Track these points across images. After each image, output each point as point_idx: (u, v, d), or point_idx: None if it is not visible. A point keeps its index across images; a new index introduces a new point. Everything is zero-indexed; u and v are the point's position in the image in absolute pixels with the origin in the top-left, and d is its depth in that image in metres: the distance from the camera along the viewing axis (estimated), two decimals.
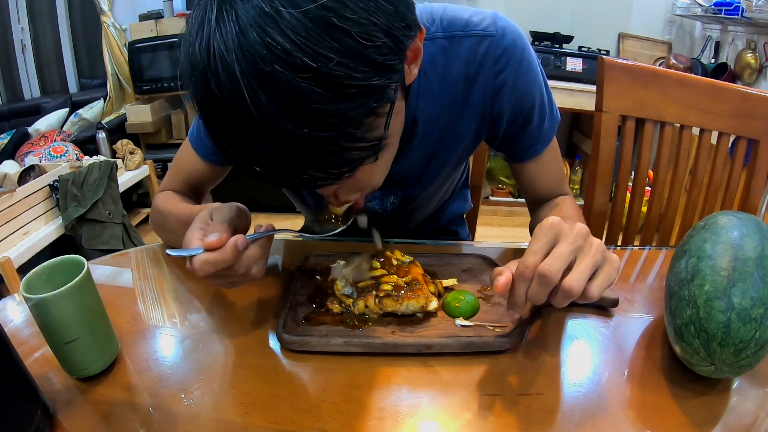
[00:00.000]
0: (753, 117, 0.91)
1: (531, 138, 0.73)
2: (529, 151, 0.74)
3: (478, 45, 0.65)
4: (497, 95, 0.68)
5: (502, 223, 2.83)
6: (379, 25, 0.41)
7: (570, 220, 0.49)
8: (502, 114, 0.70)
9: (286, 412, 0.47)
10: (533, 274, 0.46)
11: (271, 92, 0.38)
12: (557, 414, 0.47)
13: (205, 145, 0.75)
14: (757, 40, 2.29)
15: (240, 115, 0.40)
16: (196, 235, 0.50)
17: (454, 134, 0.72)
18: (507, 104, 0.69)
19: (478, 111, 0.69)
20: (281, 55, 0.37)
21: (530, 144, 0.74)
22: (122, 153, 2.64)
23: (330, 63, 0.38)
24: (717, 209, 0.99)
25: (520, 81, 0.67)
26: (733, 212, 0.56)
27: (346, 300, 0.59)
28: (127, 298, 0.65)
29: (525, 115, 0.70)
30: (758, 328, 0.44)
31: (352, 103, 0.41)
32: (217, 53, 0.39)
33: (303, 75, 0.38)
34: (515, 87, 0.67)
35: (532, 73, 0.68)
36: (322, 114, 0.40)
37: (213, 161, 0.76)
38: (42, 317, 0.46)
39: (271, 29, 0.37)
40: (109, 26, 2.92)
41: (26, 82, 3.25)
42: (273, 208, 2.86)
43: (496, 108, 0.69)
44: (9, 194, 1.93)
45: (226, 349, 0.56)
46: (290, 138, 0.40)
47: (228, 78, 0.39)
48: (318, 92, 0.39)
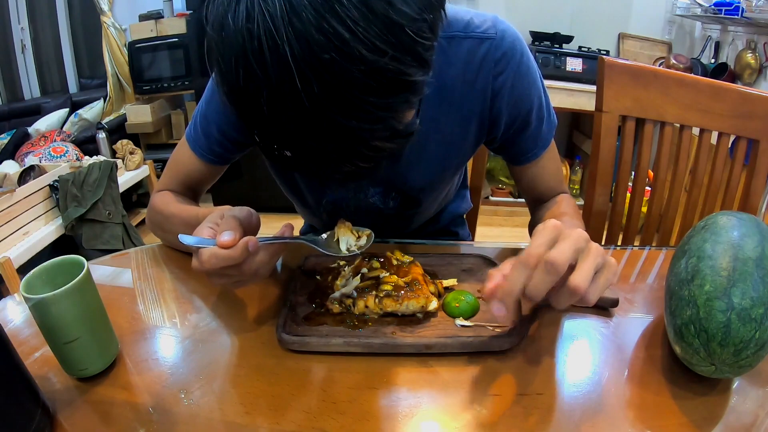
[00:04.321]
0: (753, 117, 0.91)
1: (530, 141, 0.73)
2: (528, 154, 0.75)
3: (477, 47, 0.65)
4: (495, 97, 0.68)
5: (502, 223, 2.83)
6: (427, 21, 0.41)
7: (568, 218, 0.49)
8: (501, 116, 0.70)
9: (286, 412, 0.47)
10: (537, 262, 0.45)
11: (325, 81, 0.37)
12: (557, 414, 0.47)
13: (202, 145, 0.75)
14: (757, 40, 2.29)
15: (286, 102, 0.38)
16: (207, 232, 0.50)
17: (452, 137, 0.72)
18: (505, 107, 0.69)
19: (477, 113, 0.70)
20: (338, 44, 0.36)
21: (529, 147, 0.74)
22: (122, 153, 2.64)
23: (385, 57, 0.37)
24: (717, 209, 0.99)
25: (518, 84, 0.67)
26: (733, 212, 0.56)
27: (346, 300, 0.59)
28: (127, 298, 0.65)
29: (523, 118, 0.70)
30: (758, 328, 0.44)
31: (399, 97, 0.41)
32: (262, 30, 0.36)
33: (359, 67, 0.37)
34: (513, 89, 0.67)
35: (531, 77, 0.69)
36: (373, 107, 0.39)
37: (210, 161, 0.76)
38: (42, 317, 0.46)
39: (328, 15, 0.36)
40: (109, 26, 2.92)
41: (26, 82, 3.25)
42: (273, 208, 2.86)
43: (494, 110, 0.69)
44: (9, 194, 1.93)
45: (226, 349, 0.56)
46: (337, 128, 0.40)
47: (277, 61, 0.36)
48: (371, 85, 0.38)
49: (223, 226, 0.50)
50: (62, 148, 2.58)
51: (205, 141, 0.74)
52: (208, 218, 0.53)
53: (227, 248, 0.48)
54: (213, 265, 0.48)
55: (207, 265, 0.48)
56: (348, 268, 0.63)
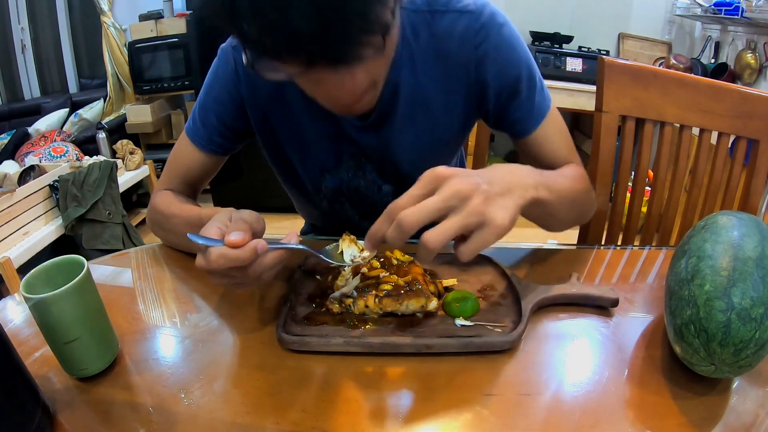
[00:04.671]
0: (753, 117, 0.91)
1: (524, 111, 0.73)
2: (525, 124, 0.74)
3: (457, 20, 0.68)
4: (479, 67, 0.69)
5: None
6: None
7: (549, 172, 0.53)
8: (487, 86, 0.71)
9: (286, 412, 0.47)
10: (395, 216, 0.46)
11: None
12: (557, 414, 0.47)
13: (202, 135, 0.76)
14: (757, 40, 2.29)
15: None
16: (215, 232, 0.50)
17: (440, 108, 0.73)
18: (491, 75, 0.70)
19: (463, 84, 0.71)
20: None
21: (524, 117, 0.74)
22: (122, 153, 2.64)
23: None
24: (717, 209, 0.99)
25: (501, 52, 0.69)
26: (733, 212, 0.56)
27: (346, 300, 0.59)
28: (127, 298, 0.65)
29: (511, 86, 0.71)
30: (758, 328, 0.44)
31: None
32: None
33: None
34: (497, 58, 0.69)
35: (514, 45, 0.70)
36: None
37: (210, 151, 0.77)
38: (42, 317, 0.46)
39: None
40: (109, 26, 2.92)
41: (26, 82, 3.26)
42: (273, 208, 2.86)
43: (480, 80, 0.70)
44: (9, 194, 1.93)
45: (226, 349, 0.56)
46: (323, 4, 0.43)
47: None
48: None
49: (233, 227, 0.50)
50: (62, 148, 2.59)
51: (204, 131, 0.76)
52: (216, 218, 0.53)
53: (236, 248, 0.48)
54: (220, 266, 0.48)
55: (214, 264, 0.48)
56: (348, 268, 0.63)
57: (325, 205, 0.85)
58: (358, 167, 0.79)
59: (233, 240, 0.48)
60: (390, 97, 0.70)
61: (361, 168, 0.79)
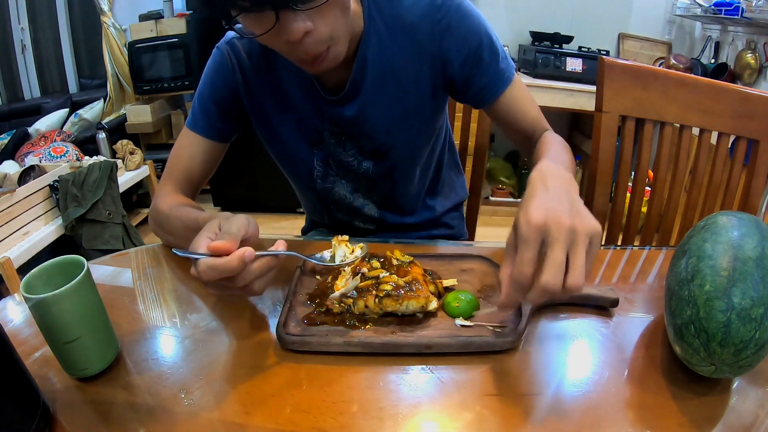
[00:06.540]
0: (753, 117, 0.91)
1: (489, 76, 0.77)
2: (492, 89, 0.78)
3: None
4: (442, 38, 0.75)
5: (502, 223, 2.82)
6: None
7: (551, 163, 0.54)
8: (451, 56, 0.76)
9: (286, 412, 0.47)
10: (530, 283, 0.46)
11: None
12: (557, 414, 0.47)
13: (202, 123, 0.80)
14: (757, 40, 2.29)
15: None
16: (204, 242, 0.51)
17: (409, 77, 0.77)
18: (453, 46, 0.75)
19: (428, 55, 0.76)
20: None
21: (490, 83, 0.78)
22: (122, 153, 2.64)
23: None
24: (717, 209, 0.99)
25: (462, 23, 0.74)
26: (733, 212, 0.56)
27: (346, 300, 0.59)
28: (127, 298, 0.65)
29: (474, 54, 0.75)
30: (758, 328, 0.44)
31: None
32: None
33: None
34: (459, 29, 0.74)
35: (473, 17, 0.75)
36: None
37: (212, 136, 0.80)
38: (42, 317, 0.46)
39: None
40: (109, 26, 2.92)
41: (26, 82, 3.25)
42: (273, 208, 2.87)
43: (443, 50, 0.75)
44: (9, 194, 1.93)
45: (226, 349, 0.56)
46: None
47: None
48: None
49: (220, 238, 0.52)
50: (62, 148, 2.58)
51: (204, 118, 0.80)
52: (207, 226, 0.55)
53: (219, 254, 0.49)
54: (210, 277, 0.49)
55: (204, 276, 0.50)
56: (348, 268, 0.63)
57: (320, 183, 0.88)
58: (338, 143, 0.83)
59: (216, 245, 0.49)
60: (360, 69, 0.75)
61: (341, 144, 0.83)
